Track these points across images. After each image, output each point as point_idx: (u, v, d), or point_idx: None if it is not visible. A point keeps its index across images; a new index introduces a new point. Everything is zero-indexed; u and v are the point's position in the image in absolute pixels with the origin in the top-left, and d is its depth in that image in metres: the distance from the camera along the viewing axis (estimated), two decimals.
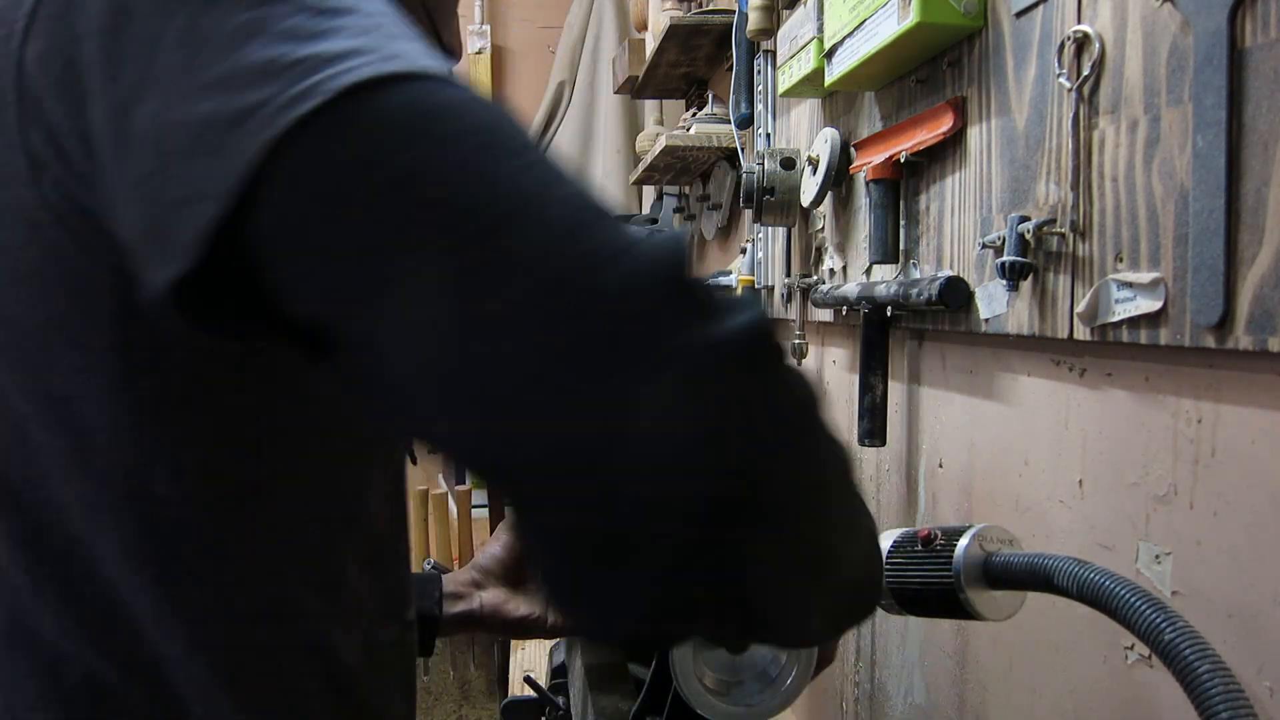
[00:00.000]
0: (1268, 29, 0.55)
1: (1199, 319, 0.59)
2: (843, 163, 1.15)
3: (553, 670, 1.27)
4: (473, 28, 2.94)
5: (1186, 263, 0.61)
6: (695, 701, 0.72)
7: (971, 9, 0.85)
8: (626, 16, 2.79)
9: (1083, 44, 0.71)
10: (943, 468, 0.99)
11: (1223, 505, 0.62)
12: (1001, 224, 0.82)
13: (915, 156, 0.96)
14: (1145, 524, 0.69)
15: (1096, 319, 0.69)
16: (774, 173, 1.24)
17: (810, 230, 1.31)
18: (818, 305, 1.19)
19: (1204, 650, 0.49)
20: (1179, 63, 0.62)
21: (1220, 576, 0.62)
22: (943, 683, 0.99)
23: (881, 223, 1.02)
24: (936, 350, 1.01)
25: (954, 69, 0.91)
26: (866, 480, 1.18)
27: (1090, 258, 0.71)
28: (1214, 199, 0.58)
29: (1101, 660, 0.73)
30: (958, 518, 0.96)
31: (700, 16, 1.72)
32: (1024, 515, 0.84)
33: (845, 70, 0.99)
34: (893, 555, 0.72)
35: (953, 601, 0.66)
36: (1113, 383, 0.72)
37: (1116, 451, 0.72)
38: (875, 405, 1.02)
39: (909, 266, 1.01)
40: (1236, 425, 0.60)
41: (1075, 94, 0.71)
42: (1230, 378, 0.61)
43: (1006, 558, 0.65)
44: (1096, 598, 0.56)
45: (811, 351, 1.36)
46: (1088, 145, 0.71)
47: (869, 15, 0.92)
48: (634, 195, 2.81)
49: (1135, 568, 0.69)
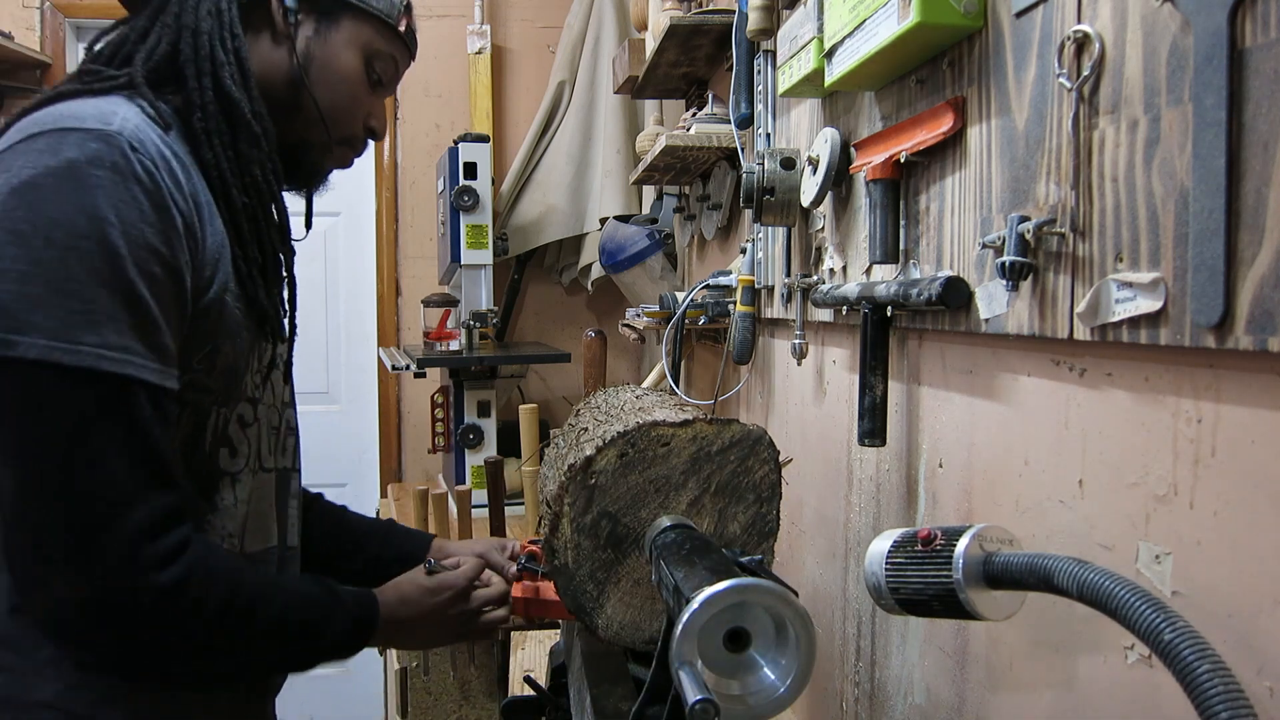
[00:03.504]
0: (1268, 29, 0.55)
1: (1199, 319, 0.59)
2: (843, 163, 1.15)
3: (553, 670, 1.27)
4: (472, 28, 2.94)
5: (1186, 263, 0.61)
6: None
7: (971, 9, 0.85)
8: (626, 16, 2.79)
9: (1083, 44, 0.71)
10: (943, 468, 0.99)
11: (1223, 505, 0.62)
12: (1001, 224, 0.82)
13: (915, 156, 0.96)
14: (1145, 524, 0.69)
15: (1096, 319, 0.69)
16: (774, 173, 1.24)
17: (810, 230, 1.31)
18: (818, 305, 1.19)
19: (1204, 650, 0.49)
20: (1179, 63, 0.62)
21: (1220, 576, 0.62)
22: (943, 683, 0.99)
23: (881, 223, 1.02)
24: (936, 350, 1.01)
25: (954, 69, 0.91)
26: (867, 480, 1.19)
27: (1090, 258, 0.71)
28: (1214, 199, 0.58)
29: (1101, 660, 0.73)
30: (958, 518, 0.96)
31: (700, 16, 1.72)
32: (1024, 515, 0.84)
33: (845, 70, 0.99)
34: (893, 555, 0.72)
35: (953, 601, 0.67)
36: (1113, 383, 0.72)
37: (1116, 451, 0.72)
38: (875, 405, 1.02)
39: (909, 266, 1.01)
40: (1236, 425, 0.60)
41: (1075, 94, 0.71)
42: (1230, 378, 0.61)
43: (1006, 558, 0.65)
44: (1096, 598, 0.56)
45: (811, 351, 1.36)
46: (1088, 145, 0.71)
47: (869, 15, 0.92)
48: (634, 195, 2.81)
49: (1135, 568, 0.69)
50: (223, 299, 0.90)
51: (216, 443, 0.95)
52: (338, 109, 1.03)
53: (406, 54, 1.10)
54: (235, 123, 0.94)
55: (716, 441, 0.92)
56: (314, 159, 1.05)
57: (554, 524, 0.91)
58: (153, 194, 0.83)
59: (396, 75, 1.09)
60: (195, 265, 0.87)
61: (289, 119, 1.01)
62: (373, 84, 1.05)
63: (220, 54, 0.94)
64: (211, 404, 0.93)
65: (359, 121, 1.06)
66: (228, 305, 0.91)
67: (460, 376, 2.54)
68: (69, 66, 2.88)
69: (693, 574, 0.73)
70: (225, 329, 0.91)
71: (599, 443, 0.90)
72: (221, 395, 0.94)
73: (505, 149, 3.01)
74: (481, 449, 2.51)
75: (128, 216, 0.81)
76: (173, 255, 0.84)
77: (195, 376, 0.89)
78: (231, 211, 0.93)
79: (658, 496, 0.92)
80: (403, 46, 1.08)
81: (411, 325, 3.02)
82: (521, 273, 3.04)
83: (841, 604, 1.27)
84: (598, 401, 1.09)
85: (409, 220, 3.04)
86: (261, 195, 0.96)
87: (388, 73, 1.06)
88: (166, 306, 0.84)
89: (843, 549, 1.27)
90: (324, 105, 1.01)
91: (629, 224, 2.46)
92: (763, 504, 0.95)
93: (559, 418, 2.89)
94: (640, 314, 2.05)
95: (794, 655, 0.70)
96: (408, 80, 3.02)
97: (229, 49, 0.94)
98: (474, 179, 2.54)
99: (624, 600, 0.94)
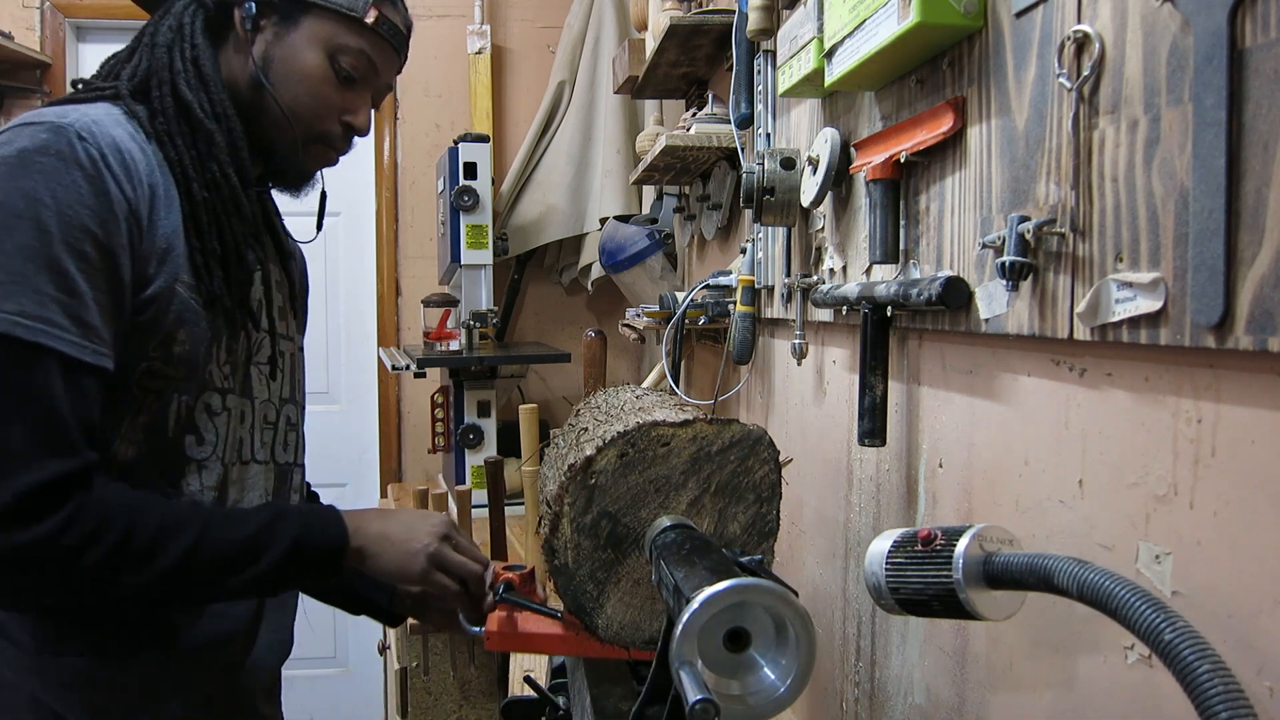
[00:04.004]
0: (1268, 29, 0.55)
1: (1199, 319, 0.59)
2: (843, 163, 1.15)
3: (553, 670, 1.27)
4: (472, 28, 2.94)
5: (1186, 263, 0.61)
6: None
7: (971, 9, 0.85)
8: (626, 16, 2.79)
9: (1083, 44, 0.71)
10: (943, 468, 0.99)
11: (1223, 505, 0.62)
12: (1001, 224, 0.82)
13: (915, 156, 0.96)
14: (1145, 524, 0.69)
15: (1096, 319, 0.69)
16: (774, 173, 1.24)
17: (810, 230, 1.31)
18: (818, 305, 1.19)
19: (1204, 650, 0.49)
20: (1179, 63, 0.62)
21: (1220, 576, 0.62)
22: (943, 683, 0.99)
23: (881, 223, 1.02)
24: (936, 350, 1.01)
25: (954, 69, 0.91)
26: (867, 480, 1.19)
27: (1090, 258, 0.71)
28: (1214, 199, 0.58)
29: (1101, 660, 0.73)
30: (958, 518, 0.96)
31: (700, 16, 1.72)
32: (1024, 515, 0.84)
33: (845, 70, 0.99)
34: (893, 555, 0.72)
35: (953, 601, 0.67)
36: (1113, 383, 0.72)
37: (1116, 451, 0.72)
38: (875, 405, 1.02)
39: (909, 266, 1.01)
40: (1236, 425, 0.60)
41: (1075, 94, 0.71)
42: (1230, 378, 0.61)
43: (1006, 558, 0.65)
44: (1096, 598, 0.56)
45: (811, 351, 1.36)
46: (1088, 145, 0.71)
47: (869, 15, 0.92)
48: (634, 195, 2.81)
49: (1135, 568, 0.69)
50: (173, 288, 0.94)
51: (181, 429, 0.99)
52: (301, 107, 1.05)
53: (383, 45, 1.08)
54: (193, 124, 0.99)
55: (716, 441, 0.92)
56: (288, 158, 1.08)
57: (554, 524, 0.91)
58: (93, 179, 0.88)
59: (373, 69, 1.08)
60: (138, 250, 0.92)
61: (258, 120, 1.05)
62: (342, 80, 1.06)
63: (178, 63, 1.01)
64: (172, 391, 0.97)
65: (330, 118, 1.07)
66: (179, 295, 0.95)
67: (460, 376, 2.54)
68: (69, 66, 2.88)
69: (693, 574, 0.73)
70: (179, 318, 0.95)
71: (599, 443, 0.90)
72: (182, 383, 0.97)
73: (505, 149, 3.01)
74: (481, 449, 2.51)
75: (64, 198, 0.87)
76: (108, 237, 0.89)
77: (153, 364, 0.94)
78: (192, 205, 0.97)
79: (658, 496, 0.92)
80: (375, 38, 1.07)
81: (411, 325, 3.02)
82: (521, 273, 3.04)
83: (841, 604, 1.27)
84: (598, 401, 1.09)
85: (409, 220, 3.04)
86: (221, 190, 0.99)
87: (359, 67, 1.06)
88: (98, 285, 0.88)
89: (843, 549, 1.27)
90: (287, 104, 1.04)
91: (629, 224, 2.46)
92: (763, 504, 0.95)
93: (559, 418, 2.89)
94: (640, 314, 2.05)
95: (794, 655, 0.70)
96: (407, 80, 3.04)
97: (186, 58, 1.01)
98: (474, 179, 2.54)
99: (624, 600, 0.94)
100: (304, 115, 1.06)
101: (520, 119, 3.03)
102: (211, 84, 1.01)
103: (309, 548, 0.99)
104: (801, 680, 0.71)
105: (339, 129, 1.09)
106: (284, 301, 1.16)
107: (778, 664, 0.71)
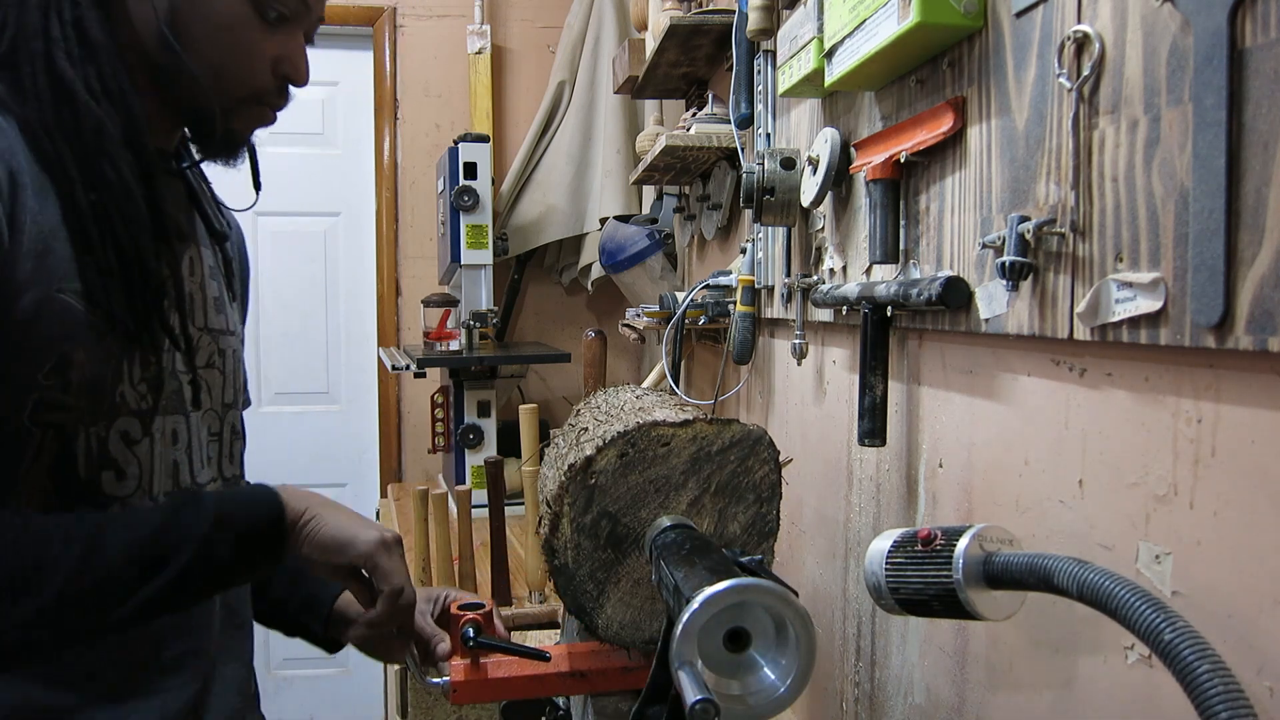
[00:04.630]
0: (1268, 29, 0.55)
1: (1199, 319, 0.59)
2: (843, 163, 1.15)
3: None
4: (472, 27, 2.94)
5: (1186, 263, 0.61)
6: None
7: (971, 9, 0.85)
8: (626, 16, 2.79)
9: (1083, 44, 0.71)
10: (943, 468, 0.99)
11: (1223, 505, 0.62)
12: (1001, 224, 0.82)
13: (915, 156, 0.96)
14: (1145, 524, 0.69)
15: (1097, 319, 0.69)
16: (774, 173, 1.25)
17: (810, 230, 1.31)
18: (818, 305, 1.19)
19: (1204, 650, 0.49)
20: (1179, 63, 0.62)
21: (1220, 576, 0.62)
22: (943, 683, 0.99)
23: (881, 223, 1.02)
24: (936, 350, 1.01)
25: (954, 69, 0.91)
26: (867, 480, 1.19)
27: (1090, 258, 0.71)
28: (1214, 199, 0.58)
29: (1101, 660, 0.73)
30: (958, 518, 0.96)
31: (700, 16, 1.72)
32: (1024, 515, 0.84)
33: (845, 70, 0.99)
34: (893, 555, 0.72)
35: (953, 601, 0.67)
36: (1113, 383, 0.72)
37: (1116, 451, 0.72)
38: (875, 405, 1.02)
39: (909, 266, 1.01)
40: (1236, 425, 0.60)
41: (1075, 94, 0.71)
42: (1230, 378, 0.61)
43: (1006, 558, 0.65)
44: (1096, 598, 0.56)
45: (811, 351, 1.36)
46: (1088, 145, 0.71)
47: (869, 15, 0.92)
48: (634, 195, 2.81)
49: (1135, 568, 0.69)
50: (55, 297, 0.76)
51: (95, 466, 0.82)
52: (225, 62, 0.86)
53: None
54: (76, 110, 0.79)
55: (716, 441, 0.92)
56: (215, 125, 0.88)
57: (554, 524, 0.91)
58: None
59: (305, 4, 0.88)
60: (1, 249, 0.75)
61: (172, 86, 0.86)
62: (271, 22, 0.86)
63: (54, 28, 0.79)
64: (77, 423, 0.80)
65: (261, 71, 0.88)
66: (66, 304, 0.77)
67: (460, 376, 2.54)
68: None
69: (693, 574, 0.73)
70: (69, 334, 0.78)
71: (599, 443, 0.90)
72: (88, 413, 0.80)
73: (505, 149, 3.01)
74: (481, 449, 2.51)
75: None
76: None
77: (47, 394, 0.77)
78: (76, 213, 0.78)
79: (658, 496, 0.92)
80: None
81: (411, 325, 3.02)
82: (521, 273, 3.04)
83: (841, 604, 1.27)
84: (598, 401, 1.09)
85: (409, 220, 3.04)
86: (113, 190, 0.80)
87: (289, 3, 0.87)
88: None
89: (843, 549, 1.27)
90: (207, 62, 0.85)
91: (629, 224, 2.46)
92: (763, 504, 0.95)
93: (559, 418, 2.89)
94: (640, 314, 2.05)
95: (794, 655, 0.70)
96: (407, 80, 3.05)
97: (65, 19, 0.79)
98: (474, 179, 2.54)
99: (624, 600, 0.94)
100: (230, 72, 0.86)
101: (520, 119, 3.03)
102: (101, 51, 0.80)
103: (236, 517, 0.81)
104: (801, 680, 0.71)
105: (273, 82, 0.89)
106: (220, 290, 0.98)
107: (778, 664, 0.71)
